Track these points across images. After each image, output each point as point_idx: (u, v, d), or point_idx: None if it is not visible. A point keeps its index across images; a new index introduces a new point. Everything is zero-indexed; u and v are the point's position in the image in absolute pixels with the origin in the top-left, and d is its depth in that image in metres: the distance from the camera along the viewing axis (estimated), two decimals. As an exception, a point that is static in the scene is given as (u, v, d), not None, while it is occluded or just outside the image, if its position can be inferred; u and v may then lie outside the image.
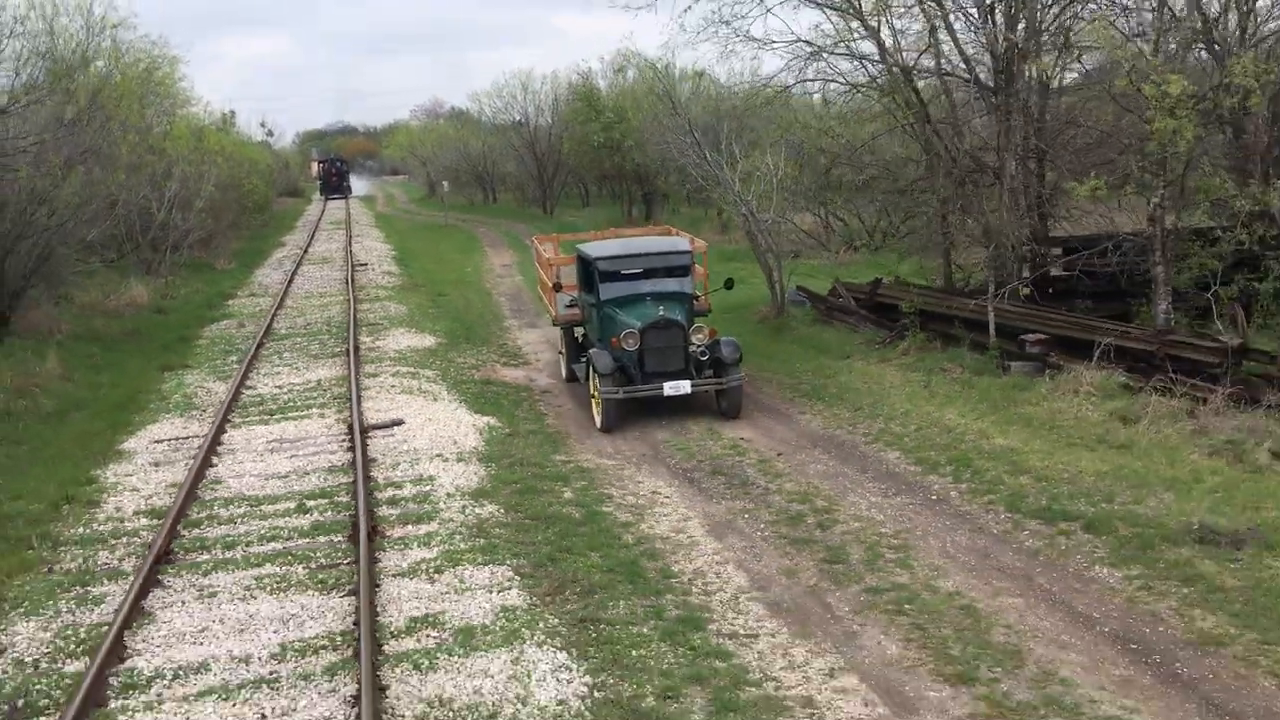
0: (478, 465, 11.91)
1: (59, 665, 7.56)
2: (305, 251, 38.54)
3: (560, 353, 16.89)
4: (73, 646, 7.82)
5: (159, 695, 7.06)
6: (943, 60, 17.58)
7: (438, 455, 12.24)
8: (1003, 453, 11.34)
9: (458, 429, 13.42)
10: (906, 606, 8.03)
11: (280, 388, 16.31)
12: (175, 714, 6.80)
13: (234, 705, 6.88)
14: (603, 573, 8.79)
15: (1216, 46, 15.42)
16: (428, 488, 11.09)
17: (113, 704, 6.97)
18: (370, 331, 20.81)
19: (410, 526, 9.97)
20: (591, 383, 13.86)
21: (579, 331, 16.14)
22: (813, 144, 20.17)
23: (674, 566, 8.98)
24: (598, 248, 15.42)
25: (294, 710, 6.78)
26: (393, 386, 15.88)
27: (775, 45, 18.76)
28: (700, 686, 6.93)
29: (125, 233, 29.86)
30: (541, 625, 7.79)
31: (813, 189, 21.71)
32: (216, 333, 22.10)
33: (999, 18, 16.58)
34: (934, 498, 10.39)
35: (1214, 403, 11.37)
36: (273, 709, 6.81)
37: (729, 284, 15.57)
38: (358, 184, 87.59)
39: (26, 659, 7.67)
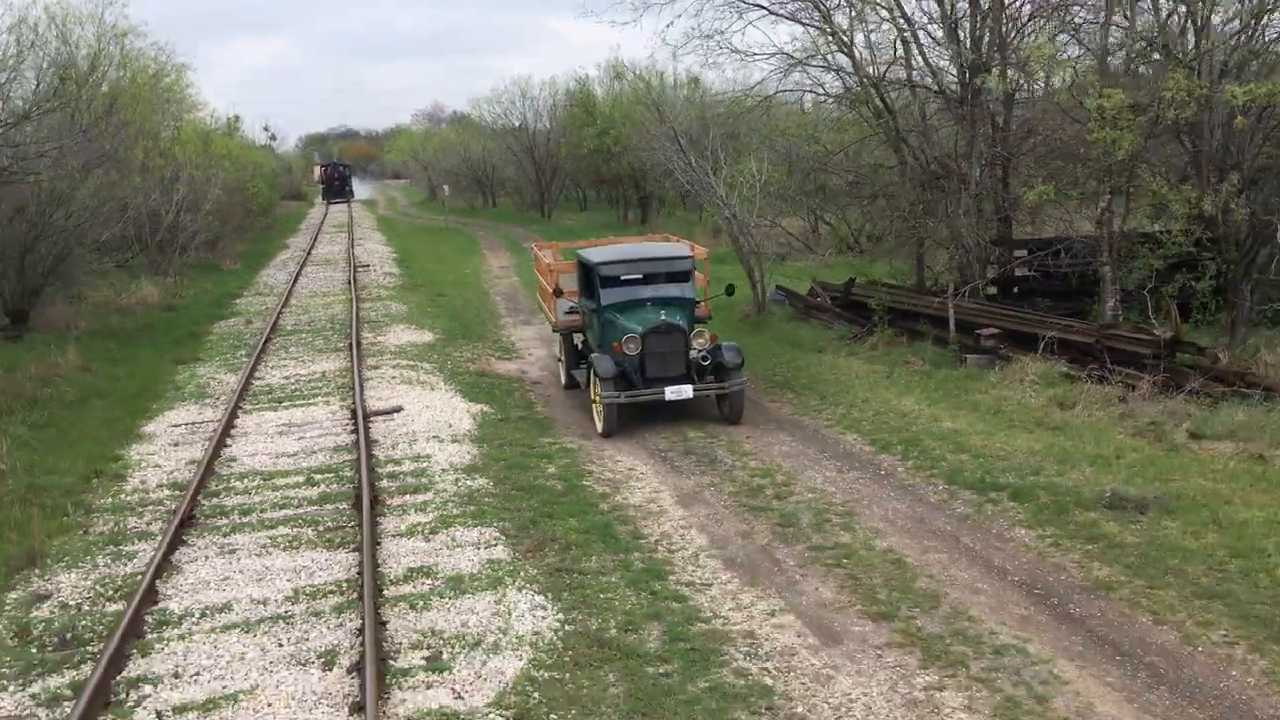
0: (470, 445, 13.04)
1: (100, 607, 8.68)
2: (309, 253, 39.71)
3: (559, 359, 16.91)
4: (111, 592, 8.95)
5: (189, 629, 8.19)
6: (914, 73, 18.74)
7: (434, 437, 13.38)
8: (949, 434, 12.48)
9: (453, 415, 14.56)
10: (844, 561, 9.15)
11: (287, 378, 17.45)
12: (204, 643, 7.93)
13: (255, 636, 8.01)
14: (579, 534, 9.92)
15: (1174, 57, 16.56)
16: (424, 464, 12.23)
17: (149, 636, 8.10)
18: (372, 328, 21.96)
19: (408, 496, 11.10)
20: (592, 388, 13.93)
21: (578, 338, 16.22)
22: (794, 151, 21.26)
23: (643, 529, 10.10)
24: (599, 253, 15.42)
25: (307, 639, 7.92)
26: (393, 378, 17.01)
27: (756, 57, 19.95)
28: (657, 622, 8.06)
29: (135, 234, 31.04)
30: (522, 574, 8.93)
31: (799, 194, 22.76)
32: (225, 329, 23.24)
33: (963, 35, 17.72)
34: (882, 473, 11.52)
35: (1142, 389, 12.50)
36: (288, 639, 7.94)
37: (730, 290, 15.92)
38: (359, 188, 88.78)
39: (70, 602, 8.80)
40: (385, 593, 8.62)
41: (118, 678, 7.41)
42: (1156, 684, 6.97)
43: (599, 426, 13.66)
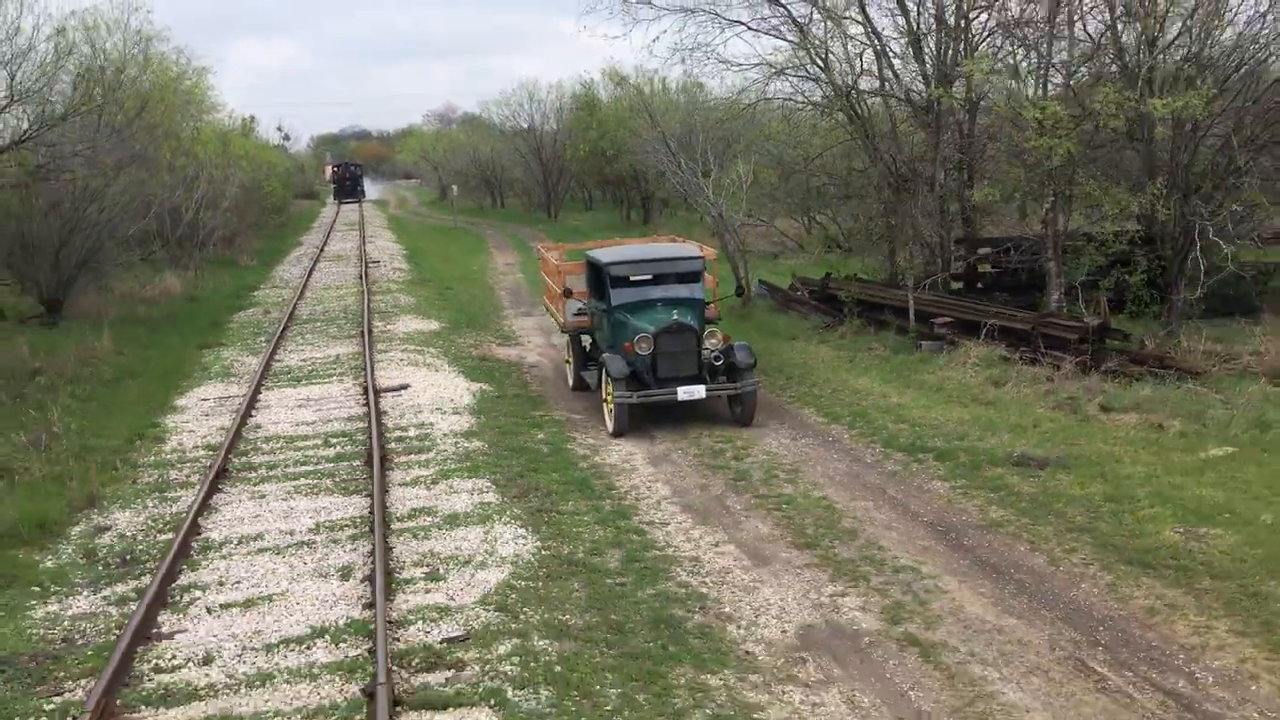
0: (469, 416, 14.74)
1: (152, 537, 10.39)
2: (322, 250, 41.51)
3: (567, 361, 16.98)
4: (161, 526, 10.66)
5: (229, 552, 9.90)
6: (886, 83, 20.39)
7: (437, 409, 15.08)
8: (893, 408, 14.14)
9: (455, 391, 16.27)
10: (784, 506, 10.81)
11: (304, 361, 19.18)
12: (242, 562, 9.63)
13: (284, 557, 9.71)
14: (559, 484, 11.61)
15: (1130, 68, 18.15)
16: (428, 431, 13.92)
17: (196, 557, 9.81)
18: (382, 318, 23.69)
19: (413, 455, 12.80)
20: (604, 387, 14.08)
21: (586, 340, 16.29)
22: (779, 154, 22.92)
23: (616, 482, 11.78)
24: (609, 253, 15.45)
25: (327, 559, 9.61)
26: (401, 360, 18.73)
27: (741, 66, 21.59)
28: (619, 549, 9.74)
29: (157, 230, 32.86)
30: (508, 513, 10.62)
31: (784, 195, 24.37)
32: (245, 319, 25.01)
33: (928, 49, 19.36)
34: (830, 440, 13.17)
35: (1066, 369, 14.13)
36: (311, 558, 9.64)
37: (739, 292, 16.04)
38: (371, 188, 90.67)
39: (127, 533, 10.52)
40: (392, 526, 10.32)
41: (172, 585, 9.11)
42: (1020, 593, 8.61)
43: (610, 426, 13.81)
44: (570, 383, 16.48)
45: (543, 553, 9.64)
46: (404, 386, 16.59)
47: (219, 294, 29.32)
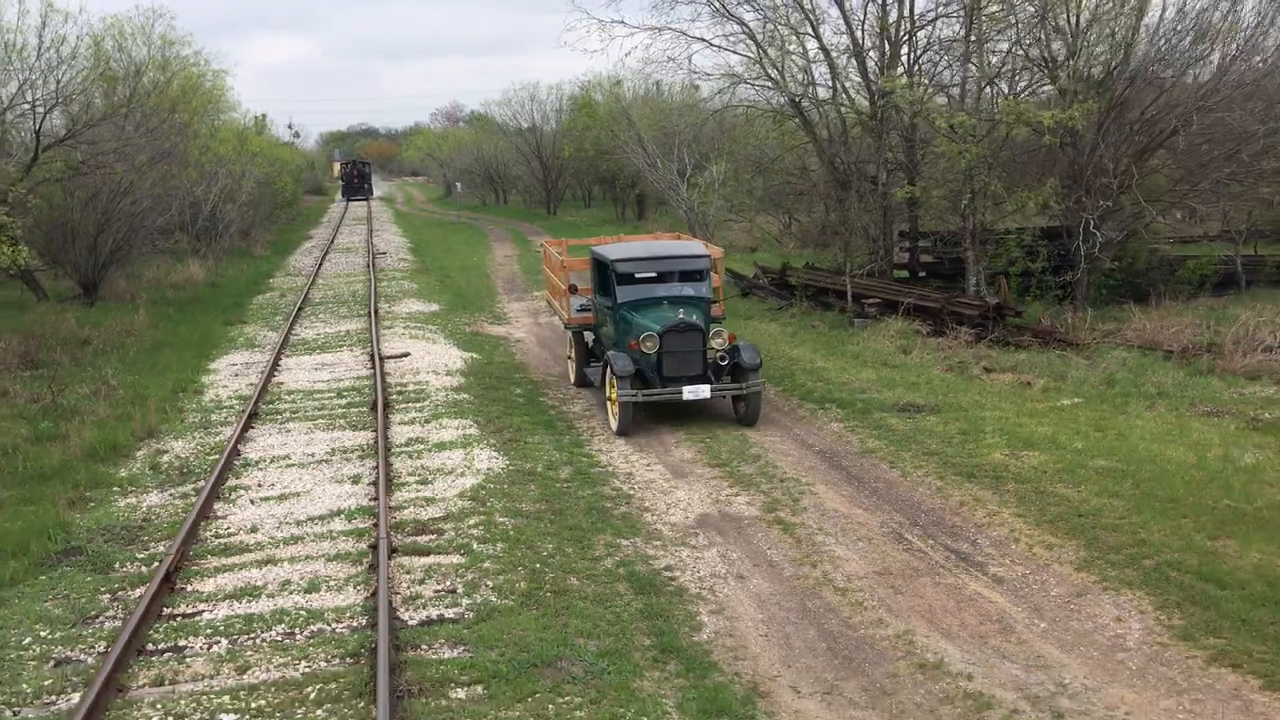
0: (460, 377, 17.55)
1: (202, 458, 13.22)
2: (331, 242, 44.41)
3: (569, 357, 17.12)
4: (207, 451, 13.49)
5: (264, 467, 12.73)
6: (838, 94, 23.17)
7: (432, 371, 17.90)
8: (817, 370, 16.92)
9: (448, 359, 19.08)
10: (707, 440, 13.58)
11: (318, 335, 22.02)
12: (275, 472, 12.45)
13: (307, 470, 12.53)
14: (529, 424, 14.40)
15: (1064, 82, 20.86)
16: (424, 387, 16.74)
17: (239, 469, 12.63)
18: (387, 300, 26.54)
19: (410, 404, 15.62)
20: (608, 386, 14.23)
21: (588, 336, 16.46)
22: (750, 155, 25.70)
23: (576, 424, 14.57)
24: (615, 250, 15.47)
25: (341, 471, 12.43)
26: (403, 334, 21.55)
27: (710, 76, 24.37)
28: (569, 465, 12.53)
29: (179, 222, 35.80)
30: (485, 441, 13.44)
31: (767, 193, 27.10)
32: (263, 301, 27.88)
33: (872, 64, 22.13)
34: (758, 394, 15.94)
35: (961, 339, 16.90)
36: (329, 471, 12.46)
37: (745, 292, 16.48)
38: (378, 185, 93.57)
39: (182, 455, 13.35)
40: (392, 450, 13.13)
41: (222, 487, 11.93)
42: (871, 495, 11.38)
43: (613, 425, 13.99)
44: (572, 379, 16.72)
45: (509, 467, 12.45)
46: (405, 354, 19.40)
47: (238, 281, 32.21)
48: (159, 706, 7.23)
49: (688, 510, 11.05)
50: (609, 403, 14.23)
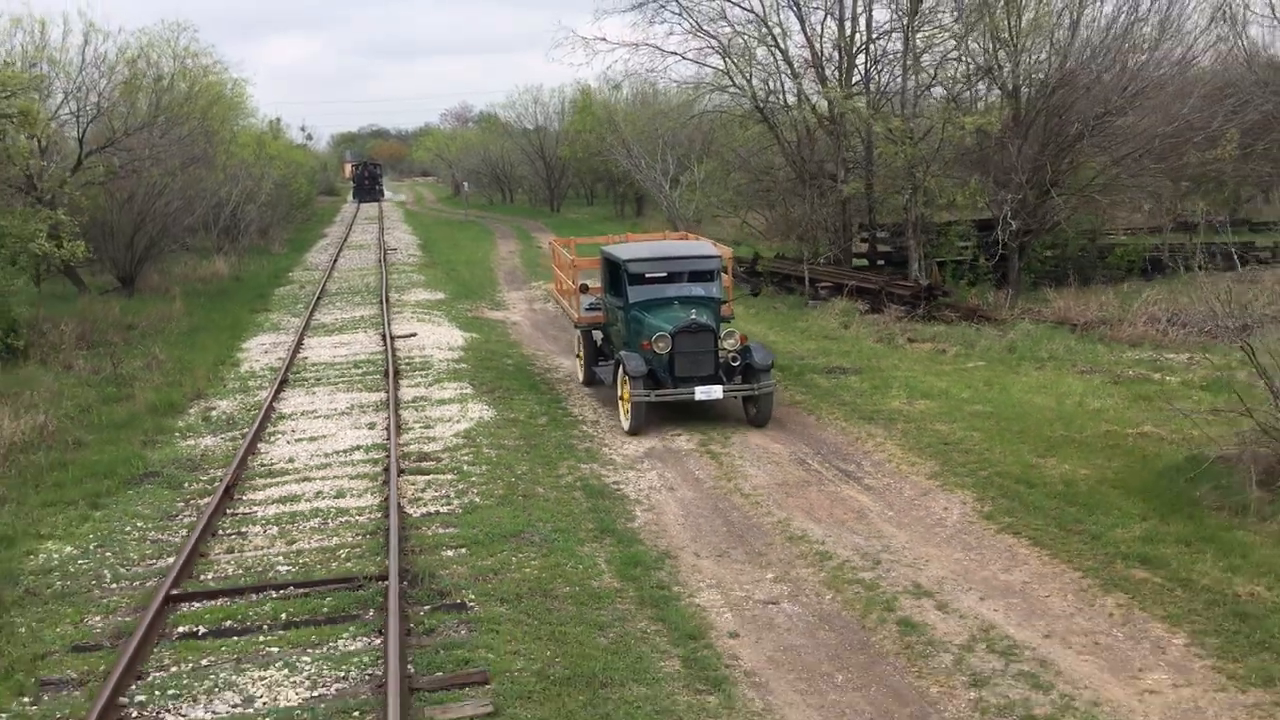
0: (460, 351, 20.42)
1: (244, 412, 16.09)
2: (345, 240, 47.40)
3: (577, 355, 17.56)
4: (249, 407, 16.37)
5: (296, 418, 15.61)
6: (802, 100, 25.96)
7: (436, 347, 20.77)
8: (768, 343, 19.68)
9: (451, 338, 21.95)
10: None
11: (336, 319, 24.94)
12: (305, 421, 15.33)
13: (332, 419, 15.41)
14: (517, 386, 17.24)
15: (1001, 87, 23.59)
16: (429, 359, 19.60)
17: (275, 420, 15.51)
18: (397, 290, 29.45)
19: (417, 372, 18.48)
20: (620, 385, 14.54)
21: (597, 335, 16.87)
22: (723, 156, 28.51)
23: (557, 386, 17.41)
24: (626, 250, 15.79)
25: (360, 420, 15.29)
26: (411, 318, 24.44)
27: (687, 83, 27.21)
28: (546, 415, 15.36)
29: (204, 221, 38.79)
30: (478, 399, 16.28)
31: (752, 190, 29.82)
32: (284, 292, 30.82)
33: (829, 72, 24.92)
34: (715, 363, 18.74)
35: (892, 315, 19.69)
36: (350, 420, 15.33)
37: (755, 291, 17.04)
38: (388, 187, 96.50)
39: (228, 411, 16.24)
40: (401, 405, 15.99)
41: (262, 433, 14.81)
42: (789, 435, 14.16)
43: (625, 424, 14.36)
44: (581, 378, 17.20)
45: (497, 417, 15.30)
46: (412, 334, 22.28)
47: (259, 275, 35.17)
48: (231, 563, 10.10)
49: (638, 446, 13.86)
50: (621, 402, 14.55)
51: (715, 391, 14.03)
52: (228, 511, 11.58)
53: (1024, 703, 7.25)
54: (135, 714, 7.34)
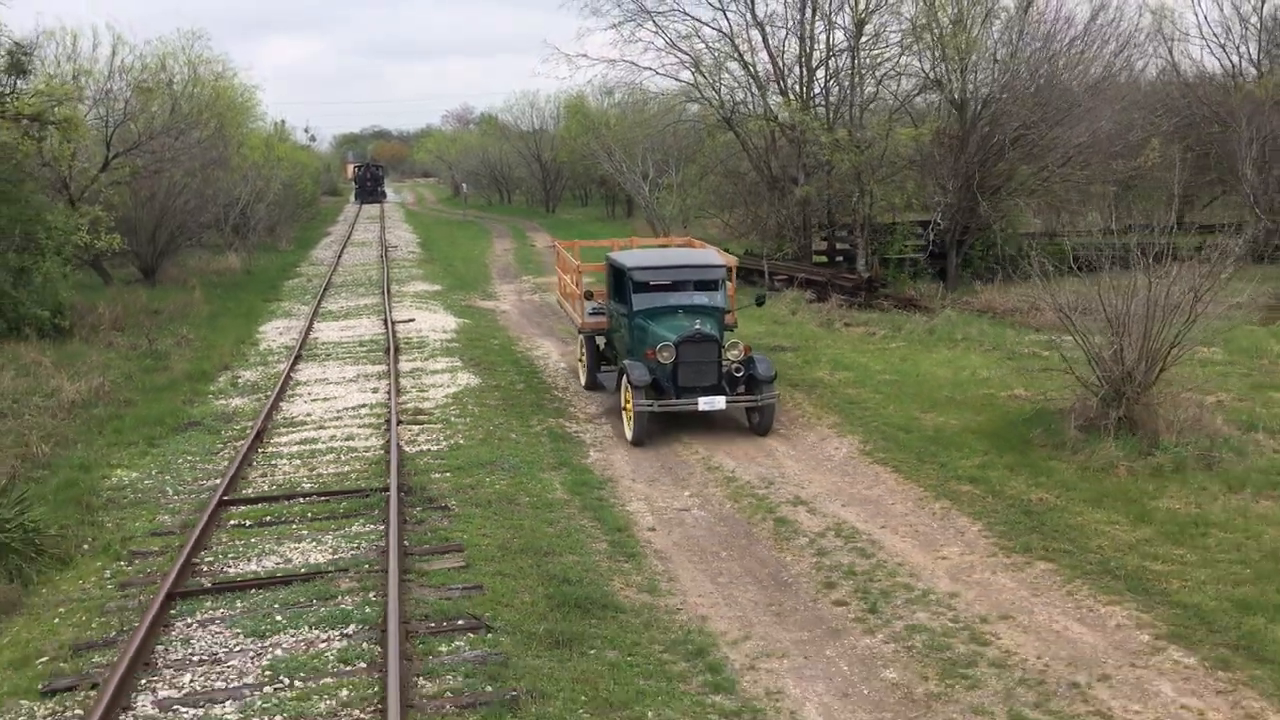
0: (453, 334, 23.28)
1: (266, 380, 18.95)
2: (348, 238, 50.31)
3: (580, 360, 17.88)
4: (270, 376, 19.24)
5: (310, 384, 18.48)
6: (767, 111, 28.82)
7: (431, 330, 23.64)
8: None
9: (445, 322, 24.83)
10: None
11: (342, 307, 27.82)
12: (319, 388, 18.20)
13: (341, 385, 18.28)
14: (500, 361, 20.10)
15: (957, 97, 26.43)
16: (425, 339, 22.47)
17: (293, 385, 18.38)
18: (397, 283, 32.34)
19: (414, 349, 21.34)
20: (623, 394, 14.68)
21: (600, 340, 17.24)
22: (696, 160, 31.40)
23: (535, 361, 20.26)
24: (631, 257, 15.93)
25: (364, 385, 18.15)
26: (410, 306, 27.31)
27: (664, 94, 30.07)
28: (524, 383, 18.22)
29: (215, 219, 41.69)
30: (466, 370, 19.16)
31: (701, 192, 32.77)
32: (294, 285, 33.71)
33: (788, 85, 27.79)
34: (676, 344, 21.60)
35: (833, 303, 22.55)
36: (357, 385, 18.19)
37: (760, 301, 17.02)
38: (390, 188, 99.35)
39: (251, 379, 19.10)
40: (400, 375, 18.85)
41: (282, 395, 17.67)
42: (726, 398, 17.00)
43: (629, 434, 14.41)
44: (583, 382, 17.50)
45: (481, 383, 18.16)
46: (411, 320, 25.15)
47: (269, 269, 38.05)
48: (266, 482, 12.95)
49: (599, 406, 16.71)
50: (624, 411, 14.69)
51: (718, 402, 14.16)
52: (259, 450, 14.43)
53: (850, 565, 10.09)
54: (205, 568, 10.18)
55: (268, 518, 11.61)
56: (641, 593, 9.64)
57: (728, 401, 14.23)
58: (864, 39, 25.01)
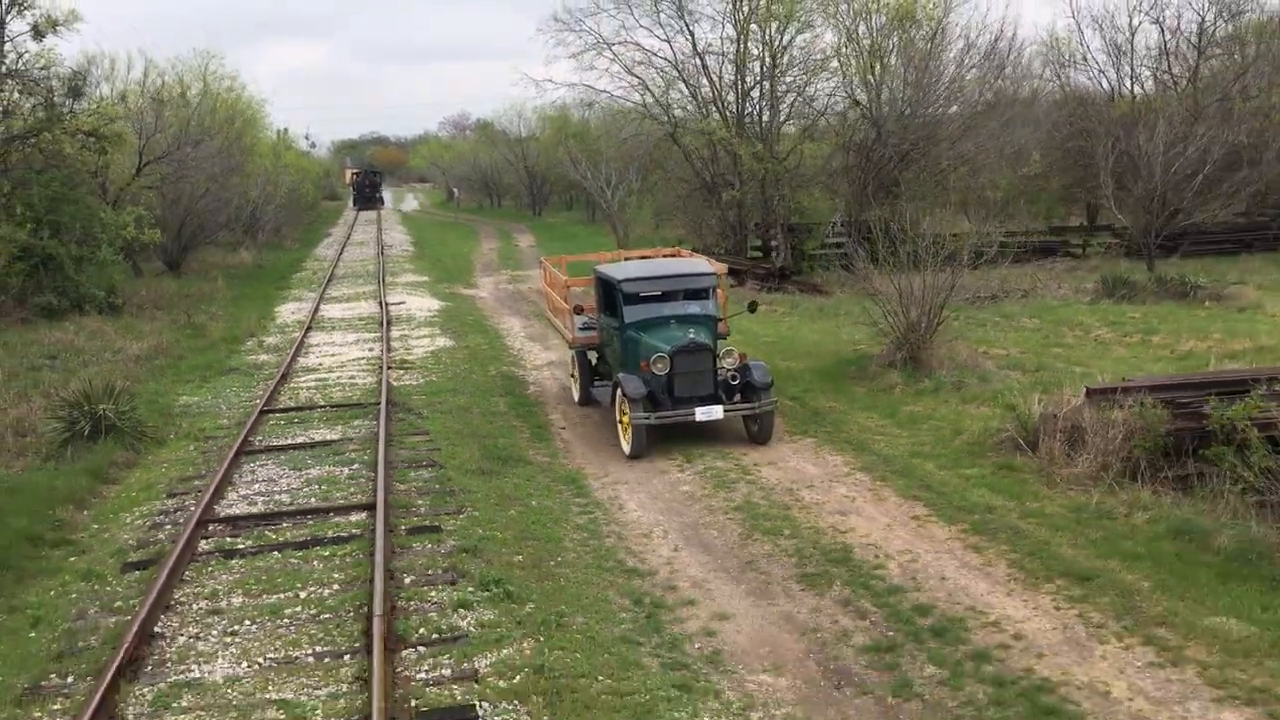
0: (437, 313, 28.65)
1: (286, 343, 24.30)
2: (348, 238, 55.79)
3: (572, 375, 17.91)
4: (288, 341, 24.58)
5: (320, 348, 23.84)
6: (707, 125, 34.19)
7: (418, 310, 29.02)
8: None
9: (431, 304, 30.22)
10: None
11: (343, 294, 33.24)
12: (327, 349, 23.56)
13: (344, 347, 23.66)
14: (474, 331, 25.46)
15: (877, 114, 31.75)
16: (412, 316, 27.82)
17: (307, 348, 23.74)
18: (391, 275, 37.76)
19: (403, 323, 26.71)
20: (618, 408, 14.59)
21: (592, 355, 17.35)
22: (648, 168, 36.79)
23: (501, 332, 25.61)
24: (620, 269, 15.99)
25: (362, 347, 23.51)
26: (402, 292, 32.70)
27: (623, 112, 35.39)
28: (490, 347, 23.57)
29: (228, 219, 47.12)
30: (443, 336, 24.54)
31: (658, 198, 38.07)
32: (301, 276, 39.13)
33: (729, 102, 33.18)
34: (617, 319, 26.98)
35: (749, 288, 27.89)
36: (357, 348, 23.57)
37: (752, 307, 16.63)
38: (388, 195, 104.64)
39: (273, 343, 24.46)
40: (390, 339, 24.20)
41: (300, 352, 23.02)
42: (644, 355, 22.35)
43: (626, 448, 14.37)
44: (576, 398, 17.58)
45: (454, 345, 23.51)
46: (402, 303, 30.53)
47: (278, 264, 43.50)
48: (291, 401, 18.29)
49: (545, 359, 22.06)
50: (620, 425, 14.68)
51: (716, 411, 14.16)
52: (285, 385, 19.78)
53: (688, 447, 15.40)
54: (252, 446, 15.51)
55: (296, 419, 16.97)
56: (545, 457, 14.96)
57: (725, 410, 14.28)
58: (779, 70, 30.39)
